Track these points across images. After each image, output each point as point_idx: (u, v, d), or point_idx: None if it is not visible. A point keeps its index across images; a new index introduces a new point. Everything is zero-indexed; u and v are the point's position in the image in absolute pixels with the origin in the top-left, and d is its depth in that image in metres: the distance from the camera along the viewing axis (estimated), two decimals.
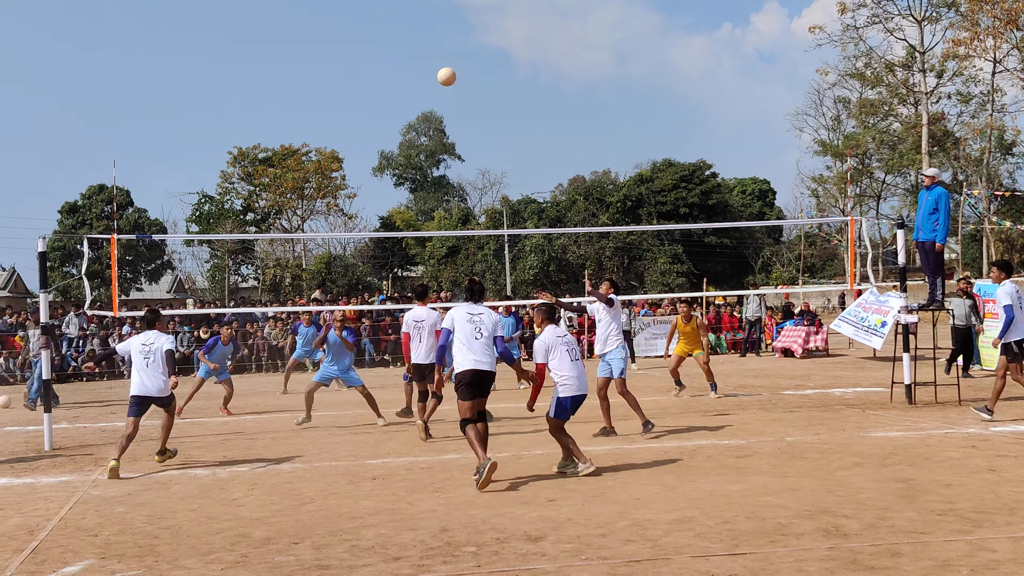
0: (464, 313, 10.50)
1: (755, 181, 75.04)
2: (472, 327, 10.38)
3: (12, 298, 64.27)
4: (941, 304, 16.29)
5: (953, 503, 8.48)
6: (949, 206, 15.77)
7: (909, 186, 67.39)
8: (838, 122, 73.62)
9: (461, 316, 10.46)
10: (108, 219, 56.56)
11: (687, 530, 7.77)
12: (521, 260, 60.88)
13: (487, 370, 10.36)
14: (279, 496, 9.82)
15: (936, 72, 62.81)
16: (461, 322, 10.42)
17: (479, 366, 10.26)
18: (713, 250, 64.02)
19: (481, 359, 10.28)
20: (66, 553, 7.75)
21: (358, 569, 7.00)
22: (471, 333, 10.35)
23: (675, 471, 10.44)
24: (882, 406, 15.62)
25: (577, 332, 32.04)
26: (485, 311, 10.62)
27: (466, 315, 10.47)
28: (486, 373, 10.36)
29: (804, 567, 6.66)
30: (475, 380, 10.27)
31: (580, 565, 6.90)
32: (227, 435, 14.63)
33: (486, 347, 10.37)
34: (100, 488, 10.59)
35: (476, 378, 10.27)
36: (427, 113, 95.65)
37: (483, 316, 10.51)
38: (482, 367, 10.28)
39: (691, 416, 14.80)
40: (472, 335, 10.34)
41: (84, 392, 23.44)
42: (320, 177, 66.20)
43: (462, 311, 10.55)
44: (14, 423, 16.96)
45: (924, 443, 11.81)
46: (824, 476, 9.91)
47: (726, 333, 32.24)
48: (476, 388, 10.31)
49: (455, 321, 10.45)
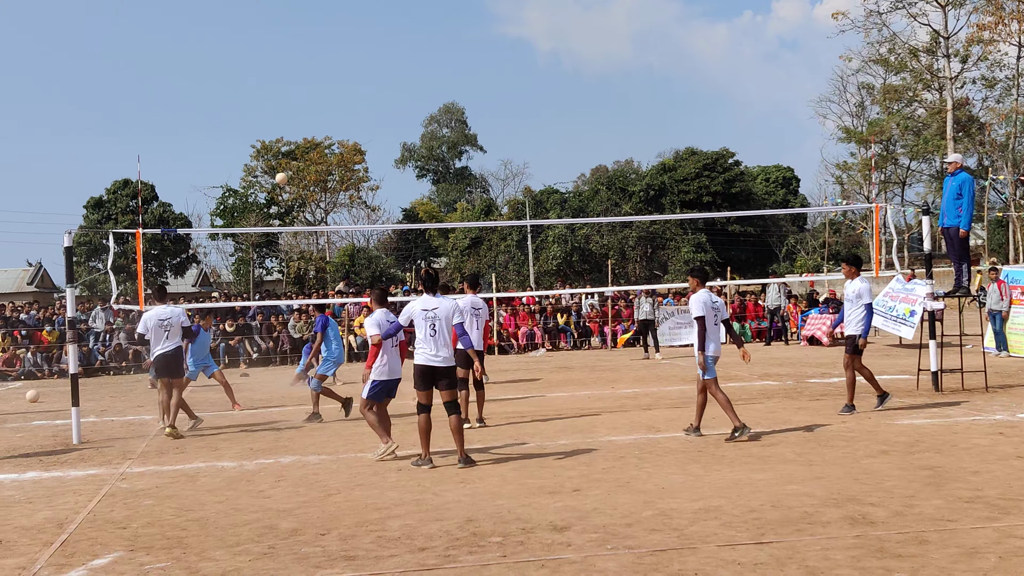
0: (419, 309, 10.83)
1: (779, 169, 74.67)
2: (427, 324, 10.72)
3: (39, 293, 64.72)
4: (967, 290, 16.19)
5: (980, 490, 8.44)
6: (974, 192, 15.66)
7: (934, 172, 66.95)
8: (862, 108, 73.28)
9: (417, 312, 10.83)
10: (133, 214, 56.75)
11: (713, 519, 7.77)
12: (544, 250, 60.79)
13: (441, 365, 10.74)
14: (305, 488, 9.86)
15: (960, 57, 62.26)
16: (417, 318, 10.80)
17: (432, 362, 10.69)
18: (737, 238, 63.76)
19: (436, 354, 10.69)
20: (95, 546, 7.81)
21: (384, 560, 7.03)
22: (427, 329, 10.71)
23: (700, 460, 10.43)
24: (908, 393, 15.55)
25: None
26: (440, 304, 10.92)
27: (421, 311, 10.81)
28: (440, 368, 10.74)
29: (830, 555, 6.64)
30: (429, 374, 10.71)
31: (606, 555, 6.90)
32: (253, 428, 14.69)
33: (442, 342, 10.73)
34: (128, 481, 10.66)
35: (431, 372, 10.70)
36: (449, 104, 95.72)
37: (438, 310, 10.81)
38: (435, 363, 10.70)
39: (715, 405, 14.77)
40: (428, 331, 10.70)
41: (111, 386, 23.58)
42: (343, 170, 66.32)
43: (418, 307, 10.88)
44: (43, 417, 17.09)
45: (951, 430, 11.75)
46: (850, 464, 9.88)
47: (751, 322, 32.13)
48: (430, 380, 10.70)
49: (413, 316, 10.84)
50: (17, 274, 73.33)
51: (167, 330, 14.03)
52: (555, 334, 31.84)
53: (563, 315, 32.25)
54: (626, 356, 26.96)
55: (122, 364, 27.96)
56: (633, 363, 24.26)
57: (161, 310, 14.15)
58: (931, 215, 16.32)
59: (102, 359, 28.28)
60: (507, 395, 17.87)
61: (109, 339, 28.94)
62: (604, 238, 60.96)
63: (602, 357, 27.26)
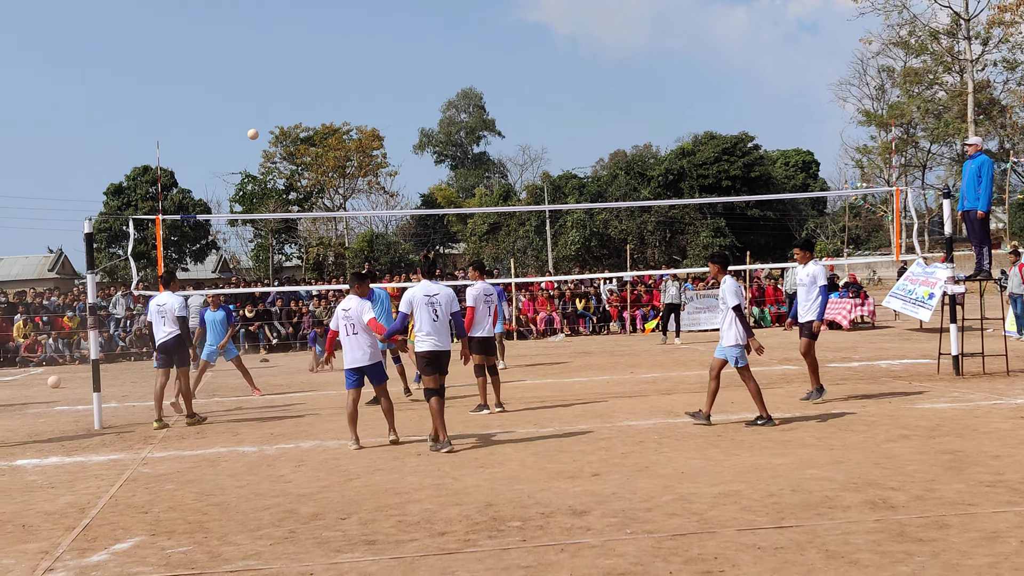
0: (421, 295, 11.06)
1: (798, 153, 74.42)
2: (430, 309, 11.01)
3: (60, 279, 65.09)
4: (988, 274, 16.08)
5: (1002, 474, 8.41)
6: (993, 174, 15.53)
7: (955, 155, 66.56)
8: (882, 91, 72.92)
9: (419, 299, 11.05)
10: (153, 200, 56.96)
11: (732, 503, 7.76)
12: (563, 236, 60.73)
13: (445, 350, 11.14)
14: (326, 472, 9.90)
15: (981, 39, 61.80)
16: (419, 304, 11.03)
17: (437, 347, 11.04)
18: (756, 223, 63.54)
19: (439, 340, 11.05)
20: (117, 530, 7.85)
21: (404, 544, 7.05)
22: (429, 315, 10.99)
23: (720, 445, 10.42)
24: (929, 378, 15.49)
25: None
26: (441, 290, 11.19)
27: (423, 297, 11.05)
28: (444, 352, 11.14)
29: (850, 539, 6.63)
30: (436, 359, 11.06)
31: (625, 539, 6.91)
32: (273, 413, 14.75)
33: (443, 327, 11.08)
34: (150, 466, 10.72)
35: (437, 357, 11.07)
36: (467, 90, 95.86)
37: (439, 296, 11.12)
38: (440, 348, 11.07)
39: (734, 390, 14.75)
40: (430, 317, 10.99)
41: (132, 372, 23.70)
42: (361, 155, 66.35)
43: (419, 292, 11.10)
44: (65, 402, 17.19)
45: (972, 414, 11.70)
46: (870, 448, 9.85)
47: (770, 306, 32.02)
48: (436, 365, 11.04)
49: (413, 303, 11.05)
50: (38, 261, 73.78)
51: (163, 316, 13.91)
52: (574, 319, 31.83)
53: (582, 300, 32.25)
54: (646, 341, 26.93)
55: (143, 350, 28.09)
56: (653, 348, 24.23)
57: (161, 297, 14.07)
58: (952, 198, 16.21)
59: (123, 345, 28.42)
60: (526, 380, 17.88)
61: (130, 325, 29.08)
62: (623, 223, 60.82)
63: (621, 342, 27.24)
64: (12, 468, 10.95)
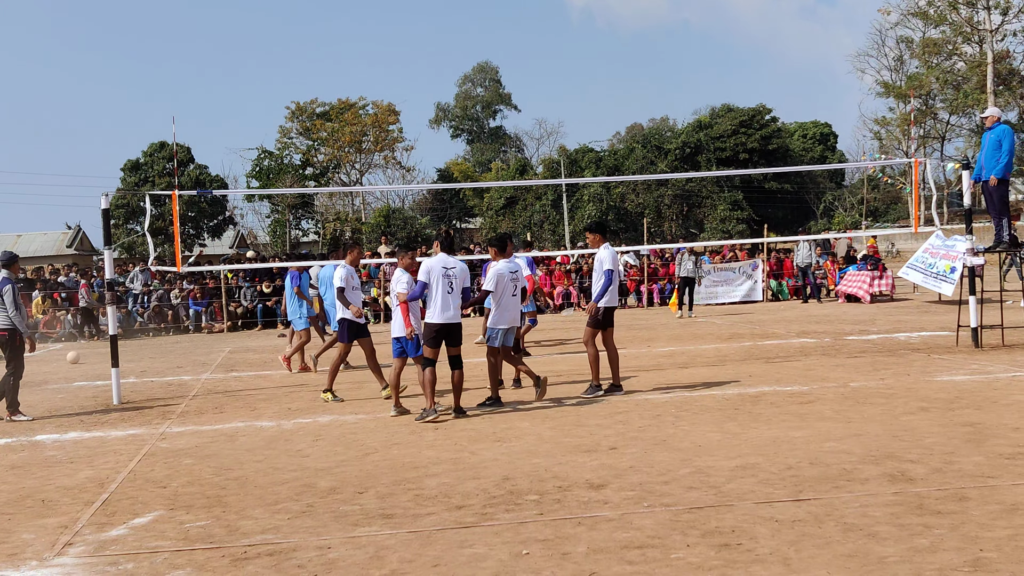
0: (439, 267, 11.24)
1: (816, 125, 74.10)
2: (447, 281, 11.23)
3: (78, 255, 65.27)
4: (1008, 245, 15.96)
5: (1021, 446, 8.37)
6: (1014, 142, 15.37)
7: (974, 127, 66.06)
8: (901, 63, 72.37)
9: (437, 269, 11.23)
10: (170, 176, 57.05)
11: (750, 476, 7.75)
12: (579, 209, 60.64)
13: (456, 322, 11.40)
14: (343, 447, 9.92)
15: (1001, 9, 61.15)
16: (437, 276, 11.20)
17: (449, 320, 11.30)
18: (774, 196, 63.34)
19: (453, 313, 11.32)
20: (136, 504, 7.89)
21: (422, 518, 7.06)
22: (445, 287, 11.21)
23: (737, 418, 10.40)
24: (948, 350, 15.42)
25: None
26: (457, 264, 11.43)
27: (441, 269, 11.23)
28: (455, 325, 11.38)
29: (869, 512, 6.61)
30: (444, 331, 11.31)
31: (643, 512, 6.90)
32: (291, 387, 14.78)
33: (456, 300, 11.31)
34: (168, 441, 10.76)
35: (445, 330, 11.31)
36: (483, 63, 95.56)
37: (455, 270, 11.35)
38: (452, 320, 11.32)
39: (752, 363, 14.71)
40: (446, 289, 11.21)
41: (150, 347, 23.79)
42: (377, 130, 66.39)
43: (438, 264, 11.28)
44: (83, 378, 17.27)
45: (991, 387, 11.65)
46: (889, 421, 9.81)
47: (787, 280, 31.90)
48: (443, 337, 11.31)
49: (431, 275, 11.22)
50: (56, 237, 73.94)
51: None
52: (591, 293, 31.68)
53: None
54: (664, 315, 26.86)
55: (161, 325, 28.17)
56: (670, 322, 24.18)
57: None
58: (971, 170, 16.06)
59: (141, 320, 28.50)
60: (543, 354, 17.88)
61: (147, 300, 29.16)
62: (640, 196, 60.73)
63: (638, 316, 27.18)
64: (32, 443, 11.01)
